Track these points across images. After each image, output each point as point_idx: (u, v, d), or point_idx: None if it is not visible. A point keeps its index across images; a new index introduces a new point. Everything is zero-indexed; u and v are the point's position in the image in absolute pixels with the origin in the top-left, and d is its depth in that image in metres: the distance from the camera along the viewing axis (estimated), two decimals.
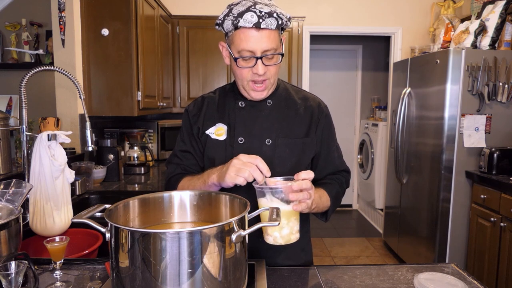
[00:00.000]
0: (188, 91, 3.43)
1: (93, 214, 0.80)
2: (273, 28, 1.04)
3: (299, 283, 0.98)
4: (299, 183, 0.91)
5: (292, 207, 0.91)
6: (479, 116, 2.74)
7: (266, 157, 1.14)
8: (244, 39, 1.04)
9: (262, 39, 1.03)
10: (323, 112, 1.23)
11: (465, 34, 2.93)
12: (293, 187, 0.90)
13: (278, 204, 0.91)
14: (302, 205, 0.92)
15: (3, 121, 1.63)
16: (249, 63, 1.08)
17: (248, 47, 1.04)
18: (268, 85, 1.13)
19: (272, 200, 0.91)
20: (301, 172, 0.94)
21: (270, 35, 1.04)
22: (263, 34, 1.03)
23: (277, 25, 1.04)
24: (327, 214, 1.18)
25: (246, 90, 1.14)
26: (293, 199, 0.91)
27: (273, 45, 1.05)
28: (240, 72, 1.11)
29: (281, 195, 0.91)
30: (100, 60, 2.37)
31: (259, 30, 1.03)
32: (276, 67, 1.11)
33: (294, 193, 0.90)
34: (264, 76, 1.09)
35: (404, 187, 3.36)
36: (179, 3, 3.63)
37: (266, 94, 1.16)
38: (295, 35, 3.43)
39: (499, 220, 2.39)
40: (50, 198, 1.35)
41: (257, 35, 1.03)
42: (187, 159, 1.22)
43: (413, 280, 0.97)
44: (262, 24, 1.01)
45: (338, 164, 1.26)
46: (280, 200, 0.91)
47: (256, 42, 1.03)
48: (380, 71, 5.03)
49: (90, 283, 0.96)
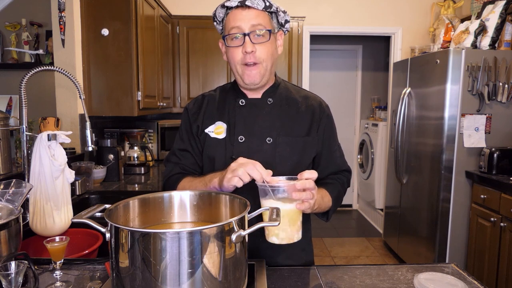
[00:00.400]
0: (188, 91, 3.43)
1: (93, 214, 0.80)
2: (259, 8, 1.08)
3: (299, 283, 0.98)
4: (303, 182, 0.91)
5: (295, 206, 0.91)
6: (479, 116, 2.74)
7: (267, 156, 1.14)
8: (232, 18, 1.09)
9: (249, 17, 1.08)
10: (324, 111, 1.23)
11: (465, 34, 2.93)
12: (297, 186, 0.90)
13: (281, 203, 0.90)
14: (305, 204, 0.91)
15: (3, 121, 1.63)
16: (237, 43, 1.10)
17: (236, 24, 1.09)
18: (261, 69, 1.12)
19: (275, 199, 0.91)
20: (304, 172, 0.94)
21: (257, 14, 1.09)
22: (250, 12, 1.08)
23: (265, 6, 1.09)
24: (328, 214, 1.18)
25: (240, 75, 1.14)
26: (296, 198, 0.90)
27: (260, 22, 1.08)
28: (231, 54, 1.12)
29: (284, 194, 0.91)
30: (100, 60, 2.37)
31: (245, 9, 1.08)
32: (266, 49, 1.11)
33: (297, 192, 0.90)
34: (253, 57, 1.09)
35: (404, 187, 3.36)
36: (179, 3, 3.63)
37: (261, 79, 1.14)
38: (295, 35, 3.43)
39: (499, 220, 2.39)
40: (50, 198, 1.35)
41: (244, 13, 1.08)
42: (186, 158, 1.22)
43: (413, 280, 0.97)
44: (248, 1, 1.07)
45: (340, 163, 1.26)
46: (283, 199, 0.91)
47: (242, 19, 1.08)
48: (380, 71, 5.03)
49: (90, 283, 0.96)
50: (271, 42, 1.12)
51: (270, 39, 1.11)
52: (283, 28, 1.19)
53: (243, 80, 1.14)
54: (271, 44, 1.12)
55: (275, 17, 1.14)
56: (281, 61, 3.43)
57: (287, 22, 1.18)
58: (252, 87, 1.16)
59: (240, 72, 1.13)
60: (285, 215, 0.90)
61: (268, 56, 1.12)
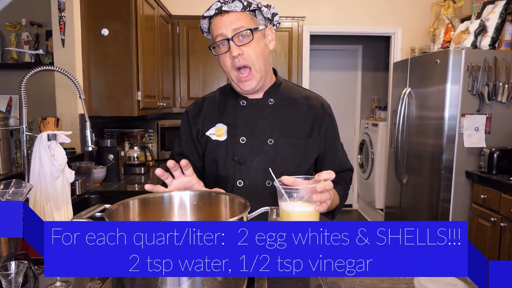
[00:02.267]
0: (188, 91, 3.43)
1: (93, 214, 0.80)
2: (238, 10, 1.08)
3: (299, 283, 0.98)
4: (324, 184, 0.88)
5: (315, 208, 0.88)
6: (479, 116, 2.74)
7: (268, 157, 1.14)
8: (214, 27, 1.10)
9: (228, 21, 1.07)
10: (326, 112, 1.23)
11: (465, 34, 2.93)
12: (317, 189, 0.87)
13: (300, 205, 0.88)
14: (323, 205, 0.89)
15: (3, 121, 1.63)
16: (224, 49, 1.10)
17: (218, 32, 1.09)
18: (254, 73, 1.11)
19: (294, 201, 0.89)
20: (322, 172, 0.91)
21: (237, 17, 1.08)
22: (229, 16, 1.08)
23: (243, 6, 1.08)
24: (334, 212, 1.18)
25: (235, 83, 1.14)
26: (316, 200, 0.88)
27: (241, 24, 1.08)
28: (222, 62, 1.12)
29: (302, 195, 0.89)
30: (100, 60, 2.37)
31: (224, 14, 1.08)
32: (253, 48, 1.09)
33: (317, 194, 0.88)
34: (242, 59, 1.08)
35: (404, 187, 3.36)
36: (179, 3, 3.63)
37: (256, 84, 1.13)
38: (295, 35, 3.43)
39: (499, 220, 2.39)
40: (50, 198, 1.35)
41: (224, 19, 1.08)
42: None
43: (413, 280, 0.97)
44: (224, 7, 1.07)
45: (344, 162, 1.26)
46: (302, 201, 0.89)
47: (223, 25, 1.08)
48: (380, 71, 5.03)
49: (90, 283, 0.96)
50: (257, 41, 1.10)
51: (256, 38, 1.09)
52: (272, 22, 1.17)
53: (240, 88, 1.14)
54: (257, 42, 1.10)
55: (259, 14, 1.12)
56: (281, 61, 3.43)
57: (275, 15, 1.16)
58: (250, 92, 1.16)
59: (235, 80, 1.13)
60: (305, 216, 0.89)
61: (257, 55, 1.10)
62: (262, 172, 1.14)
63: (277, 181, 0.90)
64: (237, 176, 1.14)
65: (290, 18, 3.41)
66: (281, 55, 3.42)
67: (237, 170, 1.14)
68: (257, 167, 1.14)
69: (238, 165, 1.14)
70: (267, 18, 1.15)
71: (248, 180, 1.14)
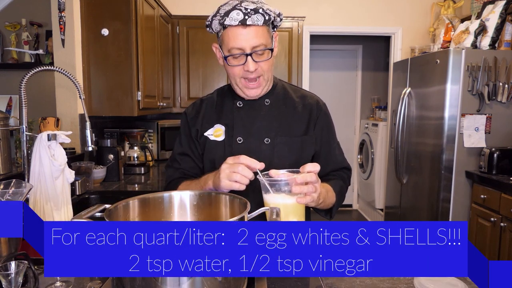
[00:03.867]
0: (188, 91, 3.43)
1: (93, 214, 0.80)
2: (260, 24, 1.04)
3: (299, 283, 0.98)
4: (304, 176, 0.89)
5: (296, 200, 0.88)
6: (479, 116, 2.74)
7: (265, 156, 1.14)
8: (232, 38, 1.05)
9: (250, 36, 1.04)
10: (321, 110, 1.24)
11: (465, 34, 2.93)
12: (297, 180, 0.88)
13: (283, 197, 0.88)
14: (307, 198, 0.89)
15: (3, 121, 1.63)
16: (239, 61, 1.08)
17: (237, 45, 1.05)
18: (262, 82, 1.13)
19: (276, 193, 0.89)
20: (306, 165, 0.92)
21: (258, 31, 1.05)
22: (250, 30, 1.04)
23: (264, 20, 1.05)
24: (332, 211, 1.18)
25: (240, 88, 1.14)
26: (296, 192, 0.88)
27: (262, 41, 1.06)
28: (231, 70, 1.11)
29: (285, 188, 0.89)
30: (100, 60, 2.37)
31: (246, 27, 1.04)
32: (267, 63, 1.11)
33: (298, 185, 0.88)
34: (255, 73, 1.09)
35: (404, 187, 3.36)
36: (179, 3, 3.63)
37: (261, 92, 1.15)
38: (295, 35, 3.43)
39: (499, 220, 2.39)
40: (50, 198, 1.35)
41: (245, 32, 1.04)
42: (186, 162, 1.23)
43: (413, 280, 0.97)
44: (248, 20, 1.02)
45: (340, 161, 1.26)
46: (285, 194, 0.89)
47: (244, 39, 1.04)
48: (380, 71, 5.03)
49: (90, 283, 0.96)
50: (272, 58, 1.12)
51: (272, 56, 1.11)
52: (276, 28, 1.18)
53: (244, 93, 1.14)
54: (272, 59, 1.12)
55: (271, 24, 1.12)
56: (281, 61, 3.43)
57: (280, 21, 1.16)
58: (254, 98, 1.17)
59: (240, 87, 1.13)
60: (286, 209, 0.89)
61: (269, 68, 1.12)
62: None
63: (261, 174, 0.90)
64: None
65: (290, 18, 3.41)
66: (281, 55, 3.42)
67: None
68: None
69: None
70: (275, 26, 1.16)
71: None
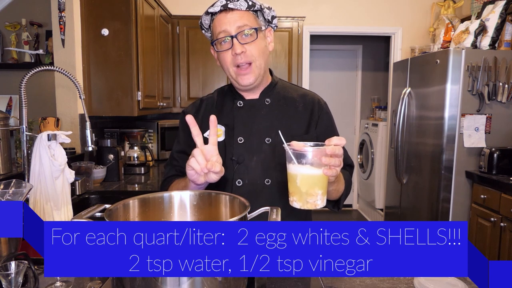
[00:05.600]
0: (188, 91, 3.43)
1: (93, 214, 0.80)
2: (243, 9, 1.09)
3: (299, 283, 0.98)
4: (333, 148, 0.88)
5: (323, 171, 0.87)
6: (479, 116, 2.74)
7: (266, 156, 1.14)
8: (218, 23, 1.10)
9: (233, 19, 1.08)
10: (322, 108, 1.23)
11: (465, 34, 2.93)
12: (327, 151, 0.86)
13: (307, 168, 0.88)
14: (332, 170, 0.88)
15: (3, 121, 1.64)
16: (227, 45, 1.10)
17: (222, 28, 1.09)
18: (254, 69, 1.12)
19: (301, 164, 0.88)
20: (333, 138, 0.91)
21: (242, 15, 1.09)
22: (234, 14, 1.09)
23: (248, 6, 1.09)
24: (340, 202, 1.17)
25: (234, 79, 1.14)
26: (325, 163, 0.87)
27: (246, 22, 1.09)
28: (223, 59, 1.13)
29: (310, 160, 0.88)
30: (100, 60, 2.37)
31: (229, 11, 1.09)
32: (256, 47, 1.11)
33: (327, 157, 0.87)
34: (244, 57, 1.09)
35: (404, 187, 3.36)
36: (179, 3, 3.63)
37: (255, 80, 1.14)
38: (295, 35, 3.43)
39: (499, 220, 2.39)
40: (50, 198, 1.35)
41: (228, 16, 1.09)
42: (183, 160, 1.22)
43: (413, 280, 0.97)
44: (230, 4, 1.08)
45: (343, 158, 1.26)
46: (310, 165, 0.88)
47: (227, 22, 1.09)
48: (380, 71, 5.03)
49: (90, 283, 0.96)
50: (260, 40, 1.12)
51: (259, 37, 1.11)
52: (271, 24, 1.19)
53: (238, 82, 1.14)
54: (260, 41, 1.12)
55: (260, 15, 1.14)
56: (281, 61, 3.43)
57: (274, 17, 1.17)
58: (248, 88, 1.16)
59: (234, 76, 1.14)
60: (312, 180, 0.88)
61: (259, 53, 1.12)
62: (261, 171, 1.15)
63: (286, 144, 0.90)
64: (236, 175, 1.15)
65: (290, 18, 3.41)
66: (281, 55, 3.42)
67: (236, 169, 1.15)
68: (255, 166, 1.15)
69: (236, 165, 1.15)
70: (267, 20, 1.17)
71: (247, 179, 1.15)
